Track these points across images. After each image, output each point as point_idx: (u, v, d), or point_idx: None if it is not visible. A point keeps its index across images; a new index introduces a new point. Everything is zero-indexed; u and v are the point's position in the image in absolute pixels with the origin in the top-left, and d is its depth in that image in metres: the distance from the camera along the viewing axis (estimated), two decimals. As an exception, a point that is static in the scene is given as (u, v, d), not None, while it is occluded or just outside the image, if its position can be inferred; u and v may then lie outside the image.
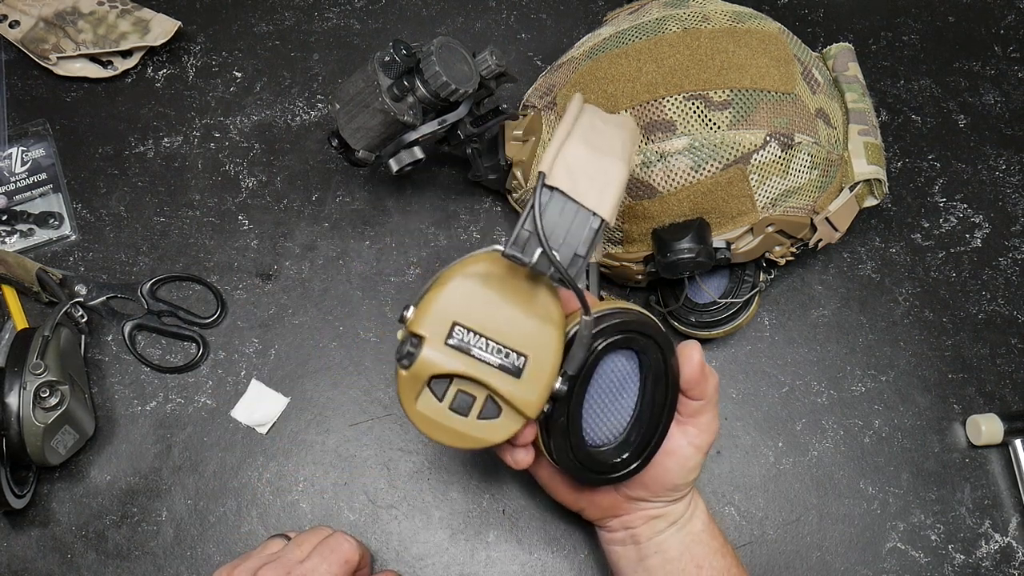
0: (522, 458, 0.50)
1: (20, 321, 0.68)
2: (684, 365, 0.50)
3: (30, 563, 0.63)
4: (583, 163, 0.43)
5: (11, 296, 0.69)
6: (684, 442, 0.52)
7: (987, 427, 0.67)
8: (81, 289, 0.69)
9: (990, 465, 0.68)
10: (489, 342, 0.43)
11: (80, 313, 0.68)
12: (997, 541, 0.66)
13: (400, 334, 0.45)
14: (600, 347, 0.46)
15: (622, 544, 0.57)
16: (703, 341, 0.69)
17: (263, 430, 0.67)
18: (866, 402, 0.69)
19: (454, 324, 0.43)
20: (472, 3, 0.83)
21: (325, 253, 0.73)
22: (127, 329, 0.68)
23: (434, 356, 0.43)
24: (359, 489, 0.66)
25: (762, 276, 0.68)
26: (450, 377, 0.44)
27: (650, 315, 0.50)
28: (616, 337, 0.47)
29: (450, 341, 0.43)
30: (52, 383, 0.60)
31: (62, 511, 0.64)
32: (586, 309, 0.43)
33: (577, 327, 0.46)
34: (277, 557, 0.53)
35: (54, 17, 0.78)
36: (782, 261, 0.66)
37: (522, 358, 0.44)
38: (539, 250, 0.41)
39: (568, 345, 0.46)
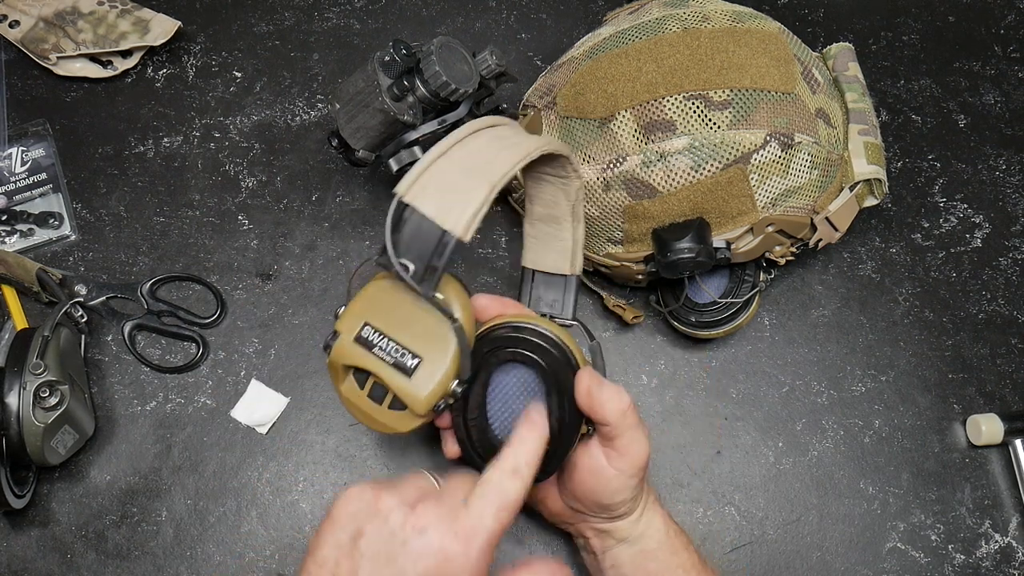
0: (448, 449, 0.55)
1: (20, 321, 0.68)
2: (575, 390, 0.50)
3: (30, 563, 0.63)
4: (447, 183, 0.46)
5: (11, 296, 0.69)
6: (605, 463, 0.52)
7: (987, 427, 0.67)
8: (81, 289, 0.69)
9: (990, 465, 0.68)
10: (391, 342, 0.48)
11: (80, 313, 0.68)
12: (997, 541, 0.66)
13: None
14: (487, 355, 0.51)
15: (584, 551, 0.59)
16: (703, 341, 0.70)
17: (263, 430, 0.67)
18: (866, 402, 0.69)
19: (365, 323, 0.48)
20: (472, 3, 0.83)
21: (325, 253, 0.73)
22: (127, 329, 0.68)
23: (343, 349, 0.48)
24: (359, 489, 0.65)
25: (762, 276, 0.68)
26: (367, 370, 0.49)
27: (556, 334, 0.51)
28: (505, 351, 0.51)
29: (358, 338, 0.48)
30: (52, 383, 0.60)
31: (62, 511, 0.64)
32: (451, 317, 0.47)
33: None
34: (437, 494, 0.46)
35: (54, 17, 0.78)
36: (782, 261, 0.66)
37: (416, 359, 0.47)
38: (399, 260, 0.46)
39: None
